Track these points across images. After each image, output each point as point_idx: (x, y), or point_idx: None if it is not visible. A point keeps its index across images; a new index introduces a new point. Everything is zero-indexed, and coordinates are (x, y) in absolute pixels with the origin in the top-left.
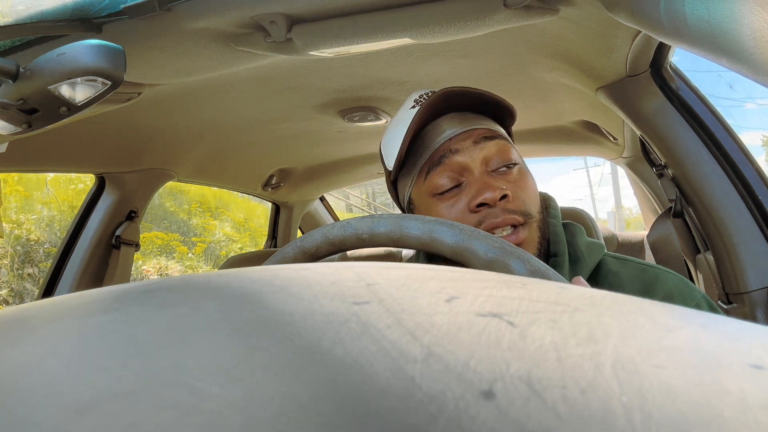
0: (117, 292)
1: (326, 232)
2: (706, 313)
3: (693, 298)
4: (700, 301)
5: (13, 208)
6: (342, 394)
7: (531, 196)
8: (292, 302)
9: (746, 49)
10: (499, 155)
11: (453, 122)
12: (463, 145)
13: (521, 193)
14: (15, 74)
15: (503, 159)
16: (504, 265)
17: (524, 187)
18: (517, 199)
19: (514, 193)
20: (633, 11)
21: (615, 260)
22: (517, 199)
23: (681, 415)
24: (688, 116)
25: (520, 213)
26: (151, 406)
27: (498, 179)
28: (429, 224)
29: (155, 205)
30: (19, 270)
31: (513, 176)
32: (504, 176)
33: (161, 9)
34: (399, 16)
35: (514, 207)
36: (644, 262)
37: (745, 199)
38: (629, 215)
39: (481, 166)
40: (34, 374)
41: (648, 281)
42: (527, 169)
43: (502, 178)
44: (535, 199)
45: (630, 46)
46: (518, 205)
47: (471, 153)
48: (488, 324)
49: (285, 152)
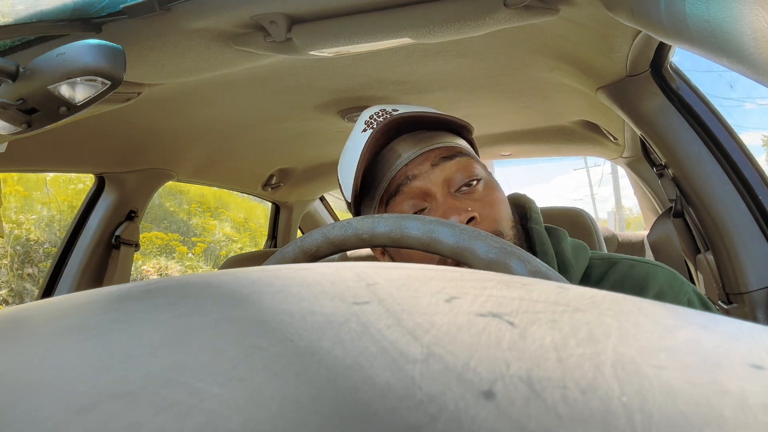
0: (117, 292)
1: (326, 232)
2: (706, 313)
3: (684, 293)
4: (691, 296)
5: (12, 208)
6: (342, 395)
7: (501, 212)
8: (292, 302)
9: (746, 49)
10: (461, 173)
11: (408, 144)
12: (421, 169)
13: (490, 211)
14: (15, 74)
15: (466, 176)
16: (504, 266)
17: (492, 203)
18: (486, 219)
19: (482, 213)
20: (633, 11)
21: (602, 261)
22: (486, 219)
23: (681, 415)
24: (689, 116)
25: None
26: (151, 406)
27: (463, 200)
28: (429, 224)
29: (155, 205)
30: (19, 270)
31: (478, 193)
32: (469, 195)
33: (161, 9)
34: (399, 16)
35: (484, 228)
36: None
37: (745, 199)
38: (629, 215)
39: (442, 188)
40: (34, 374)
41: (639, 279)
42: (494, 181)
43: (467, 197)
44: (505, 214)
45: (630, 46)
46: (488, 225)
47: (430, 176)
48: (488, 324)
49: (285, 152)
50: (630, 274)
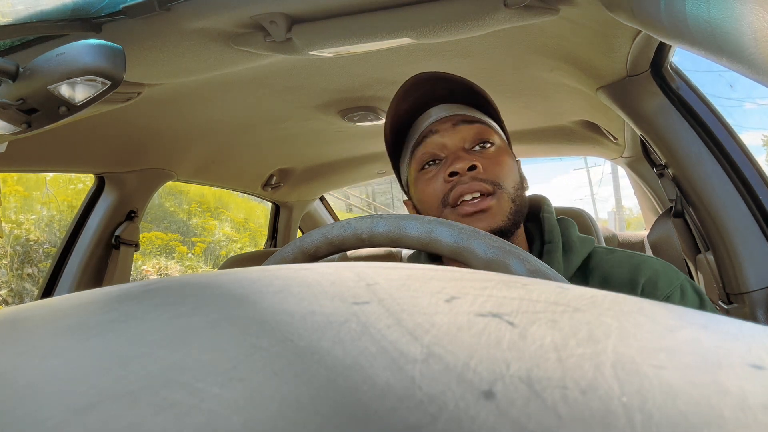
0: (117, 292)
1: (326, 232)
2: (707, 313)
3: (677, 279)
4: (684, 283)
5: (12, 208)
6: (342, 395)
7: (504, 170)
8: (292, 302)
9: (746, 49)
10: (478, 135)
11: (440, 110)
12: (443, 126)
13: (493, 166)
14: (15, 74)
15: (480, 139)
16: (503, 265)
17: (497, 162)
18: (487, 171)
19: (484, 166)
20: (633, 11)
21: (604, 250)
22: (487, 170)
23: (681, 415)
24: (689, 116)
25: (489, 182)
26: (151, 406)
27: (472, 154)
28: (428, 224)
29: (155, 205)
30: (19, 270)
31: (488, 153)
32: (479, 153)
33: (161, 9)
34: (399, 16)
35: (484, 177)
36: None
37: (745, 199)
38: (629, 215)
39: (458, 144)
40: (34, 374)
41: (634, 264)
42: (508, 151)
43: (477, 154)
44: (508, 173)
45: (630, 46)
46: (488, 175)
47: (449, 133)
48: (488, 324)
49: (285, 152)
50: (627, 261)
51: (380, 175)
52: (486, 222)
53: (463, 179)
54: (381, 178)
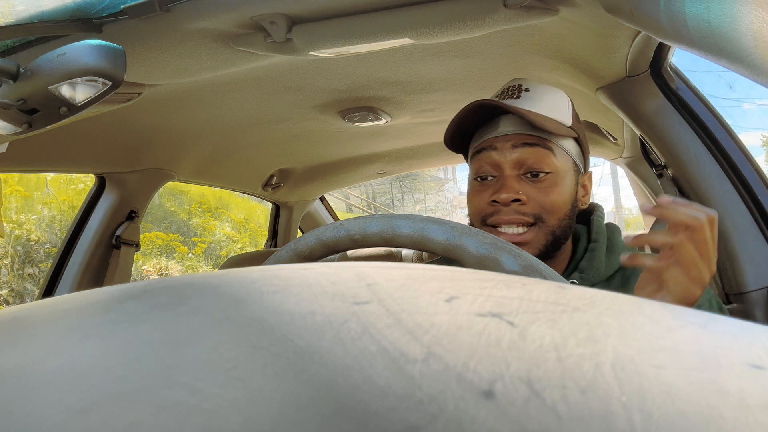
0: (117, 292)
1: (319, 234)
2: (706, 313)
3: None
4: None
5: (13, 209)
6: (342, 394)
7: (551, 203)
8: (292, 302)
9: (746, 50)
10: (533, 161)
11: (507, 122)
12: (504, 145)
13: (542, 198)
14: (15, 74)
15: (536, 166)
16: (495, 261)
17: (548, 194)
18: (531, 203)
19: (531, 196)
20: (633, 11)
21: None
22: (532, 203)
23: (681, 415)
24: (688, 116)
25: (531, 215)
26: (151, 406)
27: (522, 183)
28: (420, 223)
29: (155, 205)
30: (20, 270)
31: (541, 184)
32: (530, 181)
33: (161, 9)
34: (399, 16)
35: (526, 210)
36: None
37: (744, 199)
38: (629, 215)
39: (511, 168)
40: (35, 374)
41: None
42: (564, 180)
43: (530, 183)
44: (555, 207)
45: (630, 47)
46: (531, 208)
47: (505, 153)
48: (488, 324)
49: (285, 152)
50: None
51: (380, 175)
52: None
53: (504, 209)
54: (381, 178)
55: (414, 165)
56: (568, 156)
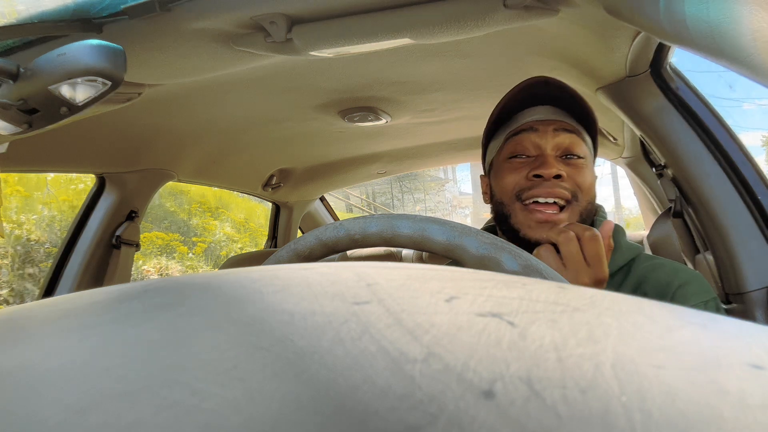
0: (117, 292)
1: (319, 234)
2: (706, 313)
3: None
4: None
5: (13, 209)
6: (342, 394)
7: (585, 185)
8: (292, 302)
9: (746, 50)
10: (570, 146)
11: (546, 111)
12: (545, 128)
13: (578, 178)
14: (15, 74)
15: (573, 150)
16: (495, 261)
17: (582, 176)
18: (570, 182)
19: (569, 175)
20: (632, 12)
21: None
22: (570, 181)
23: (681, 415)
24: (688, 116)
25: (569, 191)
26: (151, 406)
27: (560, 163)
28: (420, 222)
29: (155, 205)
30: (20, 270)
31: (576, 167)
32: (567, 163)
33: (161, 9)
34: (399, 16)
35: (566, 186)
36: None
37: (744, 199)
38: (629, 215)
39: (551, 149)
40: (35, 374)
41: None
42: (593, 168)
43: (565, 163)
44: (588, 189)
45: (630, 47)
46: (570, 185)
47: (547, 136)
48: (488, 324)
49: (285, 152)
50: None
51: (380, 175)
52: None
53: (545, 182)
54: (381, 178)
55: (414, 165)
56: (590, 150)
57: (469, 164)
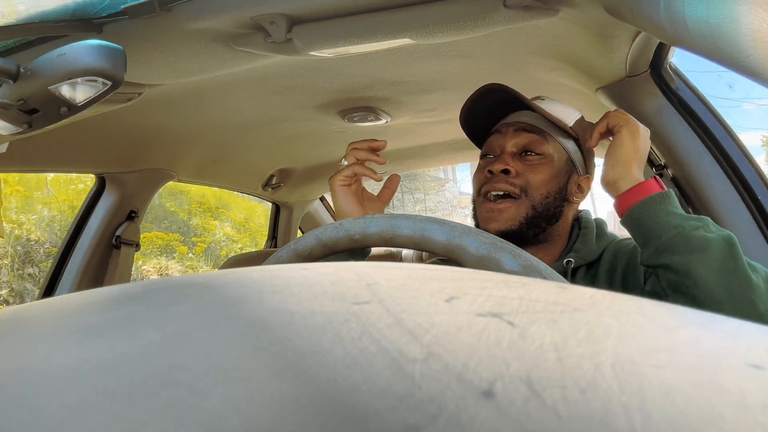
0: (117, 292)
1: (319, 234)
2: (706, 313)
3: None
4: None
5: (13, 208)
6: (342, 394)
7: (537, 181)
8: (292, 302)
9: (746, 50)
10: (528, 145)
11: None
12: (506, 129)
13: (528, 173)
14: (15, 74)
15: (529, 148)
16: (495, 261)
17: (535, 172)
18: (519, 177)
19: (519, 171)
20: (633, 12)
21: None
22: (519, 176)
23: (680, 415)
24: (688, 116)
25: (517, 186)
26: (151, 406)
27: (516, 160)
28: (420, 223)
29: (155, 205)
30: (20, 270)
31: (529, 161)
32: (521, 159)
33: (161, 9)
34: (399, 16)
35: (515, 181)
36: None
37: (744, 199)
38: None
39: (509, 147)
40: (35, 374)
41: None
42: (554, 165)
43: (522, 161)
44: (539, 183)
45: (630, 47)
46: (520, 180)
47: (506, 136)
48: (488, 324)
49: (285, 152)
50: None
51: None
52: (496, 224)
53: (495, 177)
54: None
55: (414, 165)
56: (564, 151)
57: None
